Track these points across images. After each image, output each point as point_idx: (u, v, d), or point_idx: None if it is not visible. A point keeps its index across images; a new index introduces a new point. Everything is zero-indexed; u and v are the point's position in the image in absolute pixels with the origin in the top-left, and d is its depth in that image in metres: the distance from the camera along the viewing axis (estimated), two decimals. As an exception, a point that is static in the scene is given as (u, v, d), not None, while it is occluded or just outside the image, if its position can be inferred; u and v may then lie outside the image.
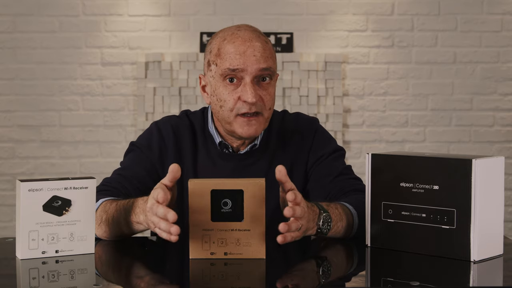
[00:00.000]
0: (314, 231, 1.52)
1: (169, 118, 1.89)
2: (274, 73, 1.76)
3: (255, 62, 1.70)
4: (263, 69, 1.71)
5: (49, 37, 4.01)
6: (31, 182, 1.41)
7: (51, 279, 1.31)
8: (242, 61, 1.70)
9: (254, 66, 1.70)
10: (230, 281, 1.32)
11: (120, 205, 1.60)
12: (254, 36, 1.74)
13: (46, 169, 4.03)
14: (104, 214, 1.62)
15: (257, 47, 1.71)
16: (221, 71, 1.72)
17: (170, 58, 3.98)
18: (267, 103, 1.74)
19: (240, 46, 1.71)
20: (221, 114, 1.75)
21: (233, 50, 1.71)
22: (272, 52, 1.76)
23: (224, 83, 1.73)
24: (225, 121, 1.76)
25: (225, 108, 1.73)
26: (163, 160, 1.81)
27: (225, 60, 1.71)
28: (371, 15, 4.04)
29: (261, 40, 1.74)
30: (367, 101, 4.07)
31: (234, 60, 1.70)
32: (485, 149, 4.07)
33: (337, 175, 1.83)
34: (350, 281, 1.36)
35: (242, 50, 1.70)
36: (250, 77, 1.70)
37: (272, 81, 1.75)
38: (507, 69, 4.08)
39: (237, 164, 1.81)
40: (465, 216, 1.39)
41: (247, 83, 1.70)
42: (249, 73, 1.70)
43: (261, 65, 1.71)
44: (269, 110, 1.76)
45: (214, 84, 1.76)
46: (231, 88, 1.72)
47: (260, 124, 1.74)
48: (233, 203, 1.40)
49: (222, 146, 1.83)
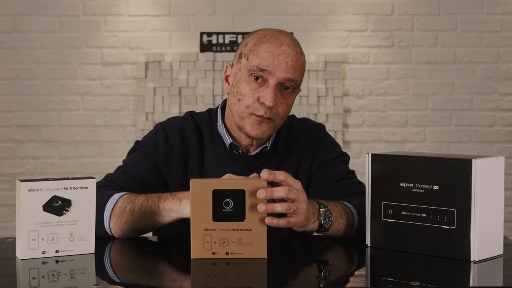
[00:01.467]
0: (315, 226, 1.52)
1: (175, 119, 1.89)
2: (298, 86, 1.77)
3: (284, 69, 1.70)
4: (289, 79, 1.71)
5: (49, 37, 4.01)
6: (31, 182, 1.41)
7: (51, 279, 1.31)
8: (272, 63, 1.70)
9: (282, 73, 1.70)
10: (232, 281, 1.32)
11: (152, 195, 1.62)
12: (292, 44, 1.74)
13: (46, 169, 4.03)
14: (129, 204, 1.61)
15: (291, 55, 1.71)
16: (250, 67, 1.72)
17: (170, 58, 3.98)
18: (281, 112, 1.75)
19: (276, 49, 1.71)
20: (237, 107, 1.75)
21: (268, 50, 1.71)
22: (303, 66, 1.76)
23: (249, 78, 1.73)
24: (238, 115, 1.76)
25: (243, 103, 1.73)
26: (168, 160, 1.81)
27: (257, 58, 1.71)
28: (371, 15, 4.04)
29: (296, 50, 1.74)
30: (367, 101, 4.07)
31: (265, 60, 1.70)
32: (485, 149, 4.07)
33: (339, 179, 1.83)
34: (350, 281, 1.36)
35: (276, 53, 1.70)
36: (275, 81, 1.70)
37: (294, 93, 1.76)
38: (507, 69, 4.08)
39: (246, 165, 1.81)
40: (465, 216, 1.39)
41: (270, 86, 1.70)
42: (276, 77, 1.70)
43: (289, 75, 1.71)
44: (281, 119, 1.77)
45: (239, 77, 1.76)
46: (254, 86, 1.72)
47: (269, 129, 1.75)
48: (234, 203, 1.40)
49: (232, 147, 1.83)
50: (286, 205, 1.42)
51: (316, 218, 1.52)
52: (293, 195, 1.42)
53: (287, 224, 1.43)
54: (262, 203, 1.38)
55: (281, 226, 1.43)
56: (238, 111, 1.75)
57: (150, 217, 1.60)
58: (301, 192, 1.45)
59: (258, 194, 1.38)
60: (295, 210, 1.43)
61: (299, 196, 1.44)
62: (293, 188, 1.43)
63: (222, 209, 1.40)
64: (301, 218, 1.45)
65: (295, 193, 1.42)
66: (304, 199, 1.45)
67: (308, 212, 1.47)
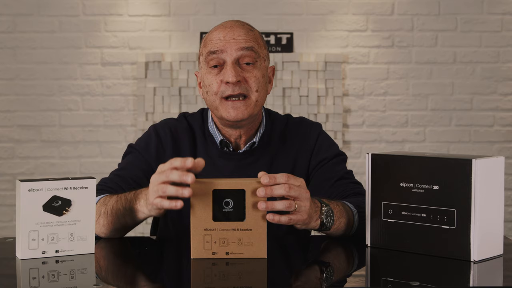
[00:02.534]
0: (317, 224, 1.52)
1: (167, 121, 1.90)
2: (259, 56, 1.77)
3: (234, 43, 1.74)
4: (243, 48, 1.74)
5: (49, 37, 4.01)
6: (31, 182, 1.41)
7: (51, 279, 1.31)
8: (221, 44, 1.74)
9: (234, 47, 1.74)
10: (232, 281, 1.32)
11: (121, 196, 1.61)
12: (237, 24, 1.79)
13: (46, 169, 4.03)
14: (103, 207, 1.62)
15: (238, 32, 1.76)
16: (205, 58, 1.76)
17: (170, 58, 3.98)
18: (252, 85, 1.75)
19: (221, 32, 1.76)
20: (209, 99, 1.78)
21: (215, 35, 1.76)
22: (258, 38, 1.79)
23: (209, 69, 1.76)
24: (213, 106, 1.78)
25: (210, 92, 1.76)
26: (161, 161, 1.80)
27: (207, 46, 1.76)
28: (371, 15, 4.04)
29: (244, 28, 1.78)
30: (367, 101, 4.07)
31: (214, 43, 1.75)
32: (485, 149, 4.07)
33: (338, 179, 1.83)
34: (350, 281, 1.36)
35: (223, 35, 1.75)
36: (231, 58, 1.74)
37: (257, 64, 1.76)
38: (507, 69, 4.08)
39: (238, 163, 1.81)
40: (465, 216, 1.39)
41: (227, 65, 1.74)
42: (229, 54, 1.74)
43: (241, 45, 1.74)
44: (257, 93, 1.76)
45: (202, 74, 1.80)
46: (214, 72, 1.76)
47: (247, 107, 1.75)
48: (234, 202, 1.40)
49: (223, 145, 1.83)
50: (287, 203, 1.41)
51: (318, 217, 1.52)
52: (294, 193, 1.41)
53: (288, 222, 1.43)
54: (262, 201, 1.38)
55: (282, 223, 1.42)
56: (211, 102, 1.77)
57: (122, 218, 1.60)
58: (303, 190, 1.44)
59: (258, 192, 1.38)
60: (296, 208, 1.43)
61: (301, 194, 1.43)
62: (294, 185, 1.42)
63: (222, 209, 1.40)
64: (304, 216, 1.45)
65: (296, 190, 1.42)
66: (307, 197, 1.45)
67: (310, 210, 1.47)
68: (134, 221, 1.60)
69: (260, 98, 1.77)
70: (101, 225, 1.62)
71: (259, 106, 1.79)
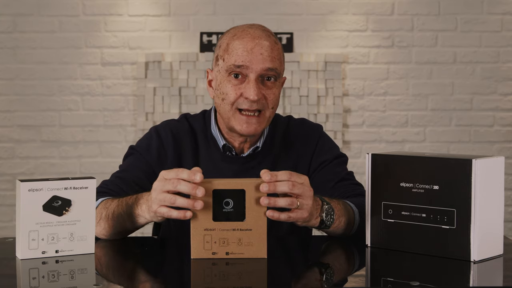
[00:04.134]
0: (317, 222, 1.52)
1: (168, 122, 1.89)
2: (280, 75, 1.76)
3: (261, 60, 1.70)
4: (269, 69, 1.71)
5: (49, 37, 4.01)
6: (31, 182, 1.41)
7: (51, 279, 1.31)
8: (248, 58, 1.70)
9: (260, 65, 1.70)
10: (232, 281, 1.32)
11: (122, 200, 1.61)
12: (264, 35, 1.74)
13: (46, 169, 4.03)
14: (104, 211, 1.62)
15: (265, 46, 1.71)
16: (227, 67, 1.72)
17: (170, 58, 3.98)
18: (270, 102, 1.74)
19: (248, 43, 1.71)
20: (222, 107, 1.75)
21: (241, 46, 1.71)
22: (281, 54, 1.76)
23: (229, 78, 1.73)
24: (225, 115, 1.75)
25: (226, 101, 1.73)
26: (162, 164, 1.81)
27: (232, 56, 1.71)
28: (371, 15, 4.04)
29: (270, 40, 1.73)
30: (367, 101, 4.07)
31: (240, 56, 1.70)
32: (485, 149, 4.07)
33: (339, 180, 1.83)
34: (350, 281, 1.36)
35: (250, 48, 1.70)
36: (254, 75, 1.70)
37: (277, 82, 1.75)
38: (507, 69, 4.08)
39: (240, 167, 1.81)
40: (465, 216, 1.39)
41: (251, 81, 1.70)
42: (254, 71, 1.70)
43: (267, 65, 1.70)
44: (271, 110, 1.75)
45: (219, 79, 1.76)
46: (235, 83, 1.72)
47: (260, 123, 1.74)
48: (234, 203, 1.40)
49: (225, 149, 1.82)
50: (289, 200, 1.41)
51: (318, 215, 1.52)
52: (297, 190, 1.41)
53: (287, 219, 1.43)
54: (265, 196, 1.38)
55: (282, 220, 1.42)
56: (224, 111, 1.75)
57: (123, 222, 1.60)
58: (306, 187, 1.44)
59: (261, 187, 1.37)
60: (298, 205, 1.43)
61: (304, 191, 1.43)
62: (297, 183, 1.42)
63: (222, 209, 1.40)
64: (305, 214, 1.45)
65: (299, 188, 1.42)
66: (310, 195, 1.44)
67: (312, 208, 1.47)
68: (135, 225, 1.60)
69: (272, 114, 1.77)
70: (102, 228, 1.62)
71: (269, 121, 1.79)
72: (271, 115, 1.77)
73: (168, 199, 1.41)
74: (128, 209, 1.57)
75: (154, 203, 1.44)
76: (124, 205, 1.58)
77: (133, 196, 1.59)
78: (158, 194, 1.42)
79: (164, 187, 1.41)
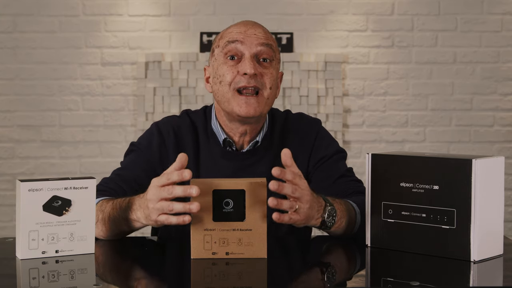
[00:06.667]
0: (318, 222, 1.52)
1: (170, 118, 1.89)
2: (275, 57, 1.79)
3: (255, 39, 1.75)
4: (263, 44, 1.75)
5: (49, 37, 4.01)
6: (31, 182, 1.41)
7: (51, 279, 1.31)
8: (242, 36, 1.75)
9: (254, 42, 1.74)
10: (232, 281, 1.32)
11: (116, 203, 1.60)
12: (257, 24, 1.81)
13: (46, 169, 4.03)
14: (101, 214, 1.61)
15: (259, 29, 1.78)
16: (222, 48, 1.76)
17: (170, 58, 3.98)
18: (267, 81, 1.75)
19: (242, 26, 1.78)
20: (221, 91, 1.76)
21: (235, 29, 1.77)
22: (274, 41, 1.81)
23: (225, 60, 1.76)
24: (224, 98, 1.76)
25: (224, 82, 1.74)
26: (163, 161, 1.81)
27: (225, 37, 1.77)
28: (371, 15, 4.04)
29: (263, 28, 1.80)
30: (367, 101, 4.07)
31: (235, 34, 1.76)
32: (485, 149, 4.07)
33: (338, 177, 1.83)
34: (350, 281, 1.36)
35: (244, 29, 1.77)
36: (249, 52, 1.74)
37: (273, 63, 1.78)
38: (507, 69, 4.08)
39: (240, 163, 1.81)
40: (465, 216, 1.39)
41: (246, 57, 1.73)
42: (249, 47, 1.74)
43: (261, 41, 1.75)
44: (270, 90, 1.76)
45: (216, 66, 1.78)
46: (231, 63, 1.75)
47: (259, 104, 1.74)
48: (234, 203, 1.40)
49: (226, 144, 1.82)
50: (289, 204, 1.43)
51: (320, 215, 1.52)
52: (297, 194, 1.43)
53: (289, 221, 1.44)
54: (273, 197, 1.38)
55: (285, 222, 1.43)
56: (223, 94, 1.75)
57: (120, 226, 1.60)
58: (305, 192, 1.45)
59: (270, 185, 1.38)
60: (297, 208, 1.44)
61: (303, 196, 1.44)
62: (299, 187, 1.43)
63: (222, 209, 1.40)
64: (301, 217, 1.46)
65: (300, 192, 1.43)
66: (308, 200, 1.45)
67: (310, 211, 1.47)
68: (132, 229, 1.60)
69: (271, 96, 1.78)
70: (99, 229, 1.62)
71: (269, 105, 1.79)
72: (269, 97, 1.77)
73: (166, 207, 1.41)
74: (123, 214, 1.57)
75: (153, 213, 1.44)
76: (118, 208, 1.58)
77: (125, 200, 1.58)
78: (155, 203, 1.42)
79: (160, 195, 1.41)
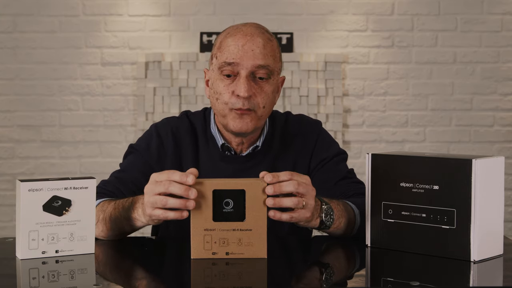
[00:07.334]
0: (317, 223, 1.52)
1: (169, 120, 1.88)
2: (273, 72, 1.73)
3: (251, 57, 1.69)
4: (259, 66, 1.69)
5: (49, 37, 4.01)
6: (31, 182, 1.41)
7: (51, 279, 1.31)
8: (239, 55, 1.69)
9: (251, 62, 1.69)
10: (232, 281, 1.32)
11: (118, 203, 1.60)
12: (258, 32, 1.73)
13: (46, 169, 4.03)
14: (101, 213, 1.61)
15: (257, 42, 1.70)
16: (219, 64, 1.72)
17: (170, 58, 3.98)
18: (261, 101, 1.72)
19: (240, 40, 1.70)
20: (217, 106, 1.75)
21: (233, 43, 1.70)
22: (275, 51, 1.74)
23: (221, 76, 1.72)
24: (220, 114, 1.75)
25: (220, 101, 1.73)
26: (161, 163, 1.80)
27: (224, 54, 1.71)
28: (371, 15, 4.04)
29: (264, 37, 1.72)
30: (367, 101, 4.07)
31: (231, 53, 1.70)
32: (485, 149, 4.07)
33: (340, 178, 1.82)
34: (350, 280, 1.36)
35: (241, 44, 1.70)
36: (245, 72, 1.69)
37: (270, 80, 1.73)
38: (507, 69, 4.08)
39: (239, 166, 1.80)
40: (465, 216, 1.39)
41: (241, 77, 1.69)
42: (245, 67, 1.69)
43: (258, 62, 1.69)
44: (263, 109, 1.73)
45: (213, 77, 1.75)
46: (227, 82, 1.71)
47: (252, 120, 1.72)
48: (234, 203, 1.40)
49: (224, 148, 1.82)
50: (296, 200, 1.41)
51: (318, 215, 1.51)
52: (302, 190, 1.41)
53: (290, 219, 1.43)
54: (270, 197, 1.38)
55: (284, 220, 1.42)
56: (219, 110, 1.74)
57: (121, 225, 1.59)
58: (310, 187, 1.43)
59: (267, 190, 1.37)
60: (304, 205, 1.43)
61: (308, 191, 1.42)
62: (302, 182, 1.42)
63: (222, 209, 1.40)
64: (308, 214, 1.45)
65: (304, 187, 1.41)
66: (313, 194, 1.44)
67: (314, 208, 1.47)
68: (133, 228, 1.60)
69: (265, 113, 1.75)
70: (100, 230, 1.62)
71: (263, 120, 1.77)
72: (263, 115, 1.75)
73: (159, 201, 1.40)
74: (125, 213, 1.56)
75: (147, 207, 1.43)
76: (121, 208, 1.58)
77: (129, 199, 1.58)
78: (150, 197, 1.42)
79: (156, 190, 1.41)
